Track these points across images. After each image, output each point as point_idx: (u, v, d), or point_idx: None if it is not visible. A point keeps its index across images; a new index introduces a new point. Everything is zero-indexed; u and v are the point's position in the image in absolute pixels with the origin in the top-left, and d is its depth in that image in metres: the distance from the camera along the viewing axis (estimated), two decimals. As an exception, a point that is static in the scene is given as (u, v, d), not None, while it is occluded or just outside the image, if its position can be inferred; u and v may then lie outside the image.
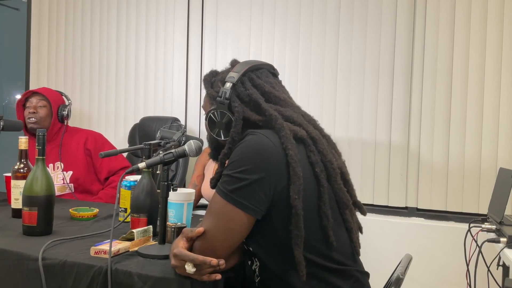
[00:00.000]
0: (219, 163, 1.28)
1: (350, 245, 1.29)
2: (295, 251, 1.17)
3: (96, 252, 1.35)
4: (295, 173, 1.16)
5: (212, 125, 1.31)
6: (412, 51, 2.73)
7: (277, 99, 1.32)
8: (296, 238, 1.16)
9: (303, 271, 1.17)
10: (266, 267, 1.26)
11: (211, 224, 1.19)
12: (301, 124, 1.28)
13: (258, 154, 1.17)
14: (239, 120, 1.26)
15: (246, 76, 1.31)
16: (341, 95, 2.87)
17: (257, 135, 1.20)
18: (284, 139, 1.19)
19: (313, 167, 1.22)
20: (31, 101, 2.51)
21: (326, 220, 1.20)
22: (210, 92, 1.35)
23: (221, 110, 1.28)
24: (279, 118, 1.24)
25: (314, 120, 1.37)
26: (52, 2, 3.61)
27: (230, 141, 1.25)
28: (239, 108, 1.27)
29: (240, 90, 1.29)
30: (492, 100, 2.59)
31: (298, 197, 1.16)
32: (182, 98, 3.27)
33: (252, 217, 1.17)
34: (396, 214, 2.78)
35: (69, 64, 3.58)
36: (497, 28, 2.57)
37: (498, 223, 1.87)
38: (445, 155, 2.68)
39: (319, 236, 1.21)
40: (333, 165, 1.25)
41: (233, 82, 1.29)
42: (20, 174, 1.81)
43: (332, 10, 2.88)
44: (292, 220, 1.16)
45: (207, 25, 3.19)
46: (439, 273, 2.63)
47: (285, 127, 1.22)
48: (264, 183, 1.16)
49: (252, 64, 1.34)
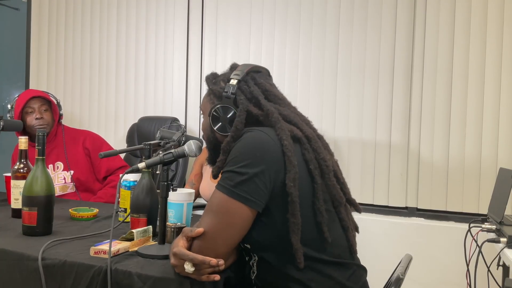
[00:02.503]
0: (222, 150, 1.29)
1: (346, 241, 1.31)
2: (293, 238, 1.19)
3: (96, 252, 1.35)
4: (290, 162, 1.20)
5: (215, 121, 1.35)
6: (412, 51, 2.73)
7: (276, 97, 1.38)
8: (293, 225, 1.19)
9: (301, 258, 1.20)
10: (264, 261, 1.27)
11: (212, 222, 1.19)
12: (297, 123, 1.33)
13: (256, 149, 1.21)
14: (243, 112, 1.31)
15: (249, 76, 1.38)
16: (341, 95, 2.87)
17: (254, 132, 1.25)
18: (280, 131, 1.25)
19: (307, 164, 1.25)
20: (32, 107, 2.47)
21: (321, 216, 1.23)
22: (215, 88, 1.39)
23: (226, 105, 1.33)
24: (275, 113, 1.29)
25: (308, 120, 1.42)
26: (52, 2, 3.61)
27: (234, 130, 1.29)
28: (244, 101, 1.32)
29: (244, 88, 1.35)
30: (492, 100, 2.59)
31: (293, 185, 1.19)
32: (182, 98, 3.27)
33: (255, 210, 1.19)
34: (396, 214, 2.78)
35: (69, 64, 3.58)
36: (497, 28, 2.57)
37: (498, 223, 1.87)
38: (445, 155, 2.68)
39: (314, 232, 1.23)
40: (326, 163, 1.28)
41: (239, 79, 1.34)
42: (20, 174, 1.81)
43: (332, 11, 2.88)
44: (288, 208, 1.19)
45: (207, 25, 3.19)
46: (439, 273, 2.63)
47: (281, 121, 1.28)
48: (265, 175, 1.18)
49: (254, 66, 1.42)
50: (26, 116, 2.47)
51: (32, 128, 2.44)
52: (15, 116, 2.46)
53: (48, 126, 2.49)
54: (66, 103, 3.52)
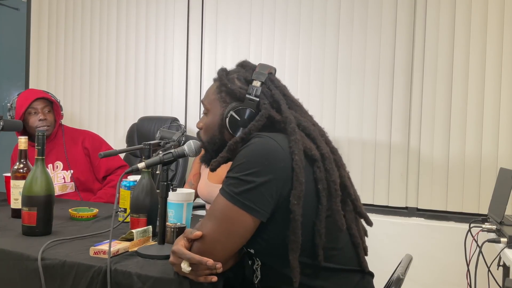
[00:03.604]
0: (227, 148, 1.25)
1: (354, 253, 1.29)
2: (290, 256, 1.17)
3: (96, 252, 1.35)
4: (297, 178, 1.16)
5: (233, 122, 1.28)
6: (412, 50, 2.73)
7: (293, 104, 1.33)
8: (292, 243, 1.17)
9: (297, 277, 1.17)
10: (268, 266, 1.26)
11: (213, 227, 1.17)
12: (315, 138, 1.27)
13: (265, 157, 1.16)
14: (263, 117, 1.25)
15: (269, 77, 1.32)
16: (341, 95, 2.86)
17: (264, 138, 1.20)
18: (293, 143, 1.19)
19: (316, 183, 1.21)
20: (36, 108, 2.47)
21: (319, 238, 1.19)
22: (235, 88, 1.30)
23: (248, 108, 1.27)
24: (293, 122, 1.24)
25: (323, 131, 1.36)
26: (52, 2, 3.61)
27: (246, 132, 1.24)
28: (267, 106, 1.27)
29: (266, 91, 1.30)
30: (492, 100, 2.59)
31: (297, 203, 1.16)
32: (182, 98, 3.27)
33: (258, 220, 1.17)
34: (396, 214, 2.78)
35: (68, 64, 3.57)
36: (498, 27, 2.57)
37: (498, 223, 1.86)
38: (445, 155, 2.67)
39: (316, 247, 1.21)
40: (336, 186, 1.24)
41: (262, 81, 1.29)
42: (20, 174, 1.81)
43: (332, 10, 2.87)
44: (289, 225, 1.16)
45: (207, 24, 3.18)
46: (440, 273, 2.63)
47: (297, 132, 1.22)
48: (271, 186, 1.15)
49: (271, 67, 1.35)
50: (29, 117, 2.47)
51: (35, 129, 2.43)
52: (17, 116, 2.45)
53: (50, 127, 2.50)
54: (66, 103, 3.52)
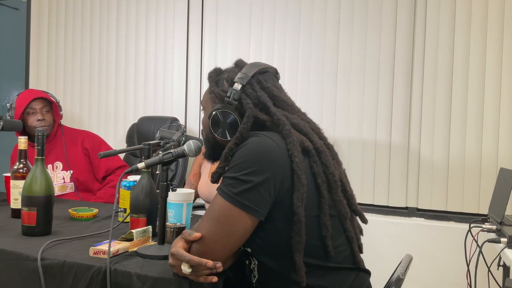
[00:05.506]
0: (223, 157, 1.25)
1: (350, 249, 1.29)
2: (296, 257, 1.18)
3: (95, 252, 1.35)
4: (299, 180, 1.17)
5: (215, 125, 1.30)
6: (412, 50, 2.73)
7: (284, 104, 1.32)
8: (297, 244, 1.17)
9: (303, 277, 1.18)
10: (265, 265, 1.26)
11: (212, 228, 1.17)
12: (307, 133, 1.27)
13: (262, 156, 1.16)
14: (250, 118, 1.25)
15: (255, 78, 1.31)
16: (341, 95, 2.86)
17: (260, 137, 1.20)
18: (291, 146, 1.19)
19: (315, 177, 1.22)
20: (34, 108, 2.47)
21: (326, 230, 1.21)
22: (217, 91, 1.32)
23: (227, 111, 1.27)
24: (287, 124, 1.24)
25: (318, 128, 1.36)
26: (52, 2, 3.61)
27: (238, 137, 1.23)
28: (251, 107, 1.26)
29: (249, 92, 1.29)
30: (492, 100, 2.59)
31: (301, 204, 1.16)
32: (181, 98, 3.27)
33: (256, 219, 1.17)
34: (396, 214, 2.78)
35: (68, 64, 3.57)
36: (498, 27, 2.57)
37: (498, 223, 1.87)
38: (445, 155, 2.67)
39: (318, 243, 1.22)
40: (334, 177, 1.25)
41: (243, 83, 1.28)
42: (20, 174, 1.81)
43: (332, 10, 2.87)
44: (294, 227, 1.17)
45: (207, 24, 3.18)
46: (440, 274, 2.63)
47: (293, 134, 1.22)
48: (269, 184, 1.15)
49: (261, 67, 1.34)
50: (27, 117, 2.47)
51: (34, 129, 2.43)
52: (16, 116, 2.45)
53: (49, 127, 2.49)
54: (66, 103, 3.52)
